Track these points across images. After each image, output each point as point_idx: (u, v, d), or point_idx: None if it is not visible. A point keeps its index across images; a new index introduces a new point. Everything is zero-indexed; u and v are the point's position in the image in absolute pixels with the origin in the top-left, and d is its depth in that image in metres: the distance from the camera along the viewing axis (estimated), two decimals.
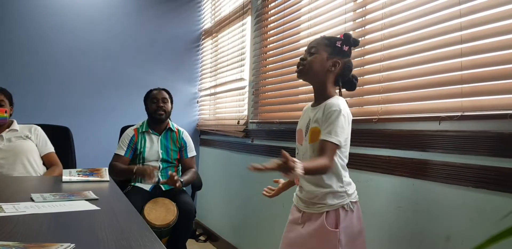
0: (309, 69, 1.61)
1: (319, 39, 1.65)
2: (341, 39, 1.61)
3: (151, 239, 1.11)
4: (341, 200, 1.54)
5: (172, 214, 2.55)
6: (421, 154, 1.61)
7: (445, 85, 1.55)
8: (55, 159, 2.75)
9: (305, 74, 1.64)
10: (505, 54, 1.35)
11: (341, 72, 1.63)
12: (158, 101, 2.93)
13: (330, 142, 1.47)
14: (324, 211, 1.54)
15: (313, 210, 1.58)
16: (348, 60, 1.65)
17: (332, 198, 1.54)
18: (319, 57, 1.59)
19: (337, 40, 1.61)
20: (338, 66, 1.60)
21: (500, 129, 1.32)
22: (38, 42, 3.80)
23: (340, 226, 1.52)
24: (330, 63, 1.59)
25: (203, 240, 3.82)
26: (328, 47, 1.60)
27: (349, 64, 1.65)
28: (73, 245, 1.00)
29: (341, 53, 1.61)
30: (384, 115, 1.82)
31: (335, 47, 1.60)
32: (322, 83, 1.62)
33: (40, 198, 1.63)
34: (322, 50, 1.60)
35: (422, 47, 1.66)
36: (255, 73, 3.15)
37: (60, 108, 3.83)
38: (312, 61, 1.60)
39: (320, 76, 1.61)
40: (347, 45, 1.61)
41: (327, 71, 1.60)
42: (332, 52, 1.60)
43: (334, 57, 1.60)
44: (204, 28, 4.37)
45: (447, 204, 1.48)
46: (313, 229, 1.56)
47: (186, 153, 2.99)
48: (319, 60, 1.59)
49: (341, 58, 1.61)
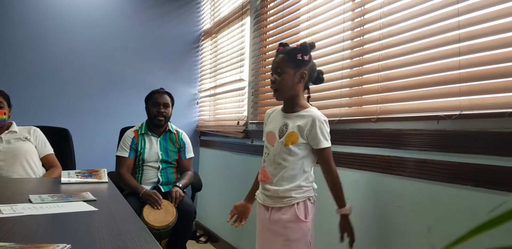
0: (283, 89, 1.74)
1: (280, 57, 1.74)
2: (300, 50, 1.71)
3: (148, 239, 1.10)
4: (307, 193, 1.73)
5: (171, 216, 2.54)
6: (420, 153, 1.60)
7: (444, 84, 1.54)
8: (54, 160, 2.75)
9: (280, 95, 1.78)
10: (503, 52, 1.34)
11: (309, 79, 1.77)
12: (160, 106, 2.91)
13: (327, 148, 1.71)
14: (294, 203, 1.71)
15: (282, 204, 1.73)
16: (311, 64, 1.77)
17: (300, 192, 1.72)
18: (287, 75, 1.72)
19: (296, 53, 1.71)
20: (306, 76, 1.74)
21: (498, 127, 1.31)
22: (37, 43, 3.80)
23: (309, 217, 1.73)
24: (298, 76, 1.72)
25: (204, 241, 3.81)
26: (291, 62, 1.71)
27: (313, 68, 1.78)
28: (69, 245, 1.00)
29: (304, 63, 1.72)
30: (383, 114, 1.82)
31: (297, 60, 1.71)
32: (295, 95, 1.76)
33: (38, 199, 1.63)
34: (287, 67, 1.71)
35: (421, 46, 1.65)
36: (255, 73, 3.15)
37: (59, 109, 3.82)
38: (282, 81, 1.72)
39: (292, 91, 1.74)
40: (306, 54, 1.72)
41: (298, 84, 1.74)
42: (296, 66, 1.72)
43: (299, 69, 1.72)
44: (203, 29, 4.36)
45: (446, 204, 1.47)
46: (285, 221, 1.72)
47: (184, 154, 2.98)
48: (288, 78, 1.72)
49: (305, 67, 1.73)
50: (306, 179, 1.74)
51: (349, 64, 2.08)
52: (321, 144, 1.70)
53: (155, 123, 2.92)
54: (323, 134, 1.69)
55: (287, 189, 1.72)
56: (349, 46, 2.08)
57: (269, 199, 1.79)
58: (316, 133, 1.69)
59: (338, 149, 2.06)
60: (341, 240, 1.70)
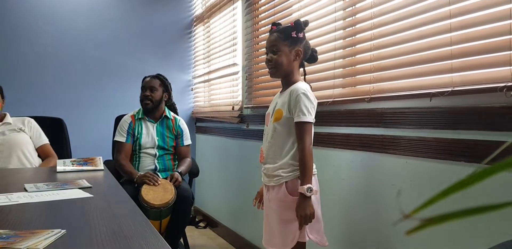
0: (279, 67, 1.75)
1: (275, 35, 1.75)
2: (294, 27, 1.72)
3: (143, 223, 1.10)
4: (296, 171, 1.70)
5: (170, 193, 2.53)
6: (413, 131, 1.60)
7: (435, 61, 1.54)
8: (49, 150, 2.75)
9: (277, 72, 1.78)
10: (493, 27, 1.33)
11: (303, 56, 1.79)
12: (146, 90, 2.90)
13: (304, 123, 1.65)
14: (283, 181, 1.72)
15: (274, 183, 1.75)
16: (306, 42, 1.78)
17: (288, 171, 1.71)
18: (283, 53, 1.73)
19: (291, 31, 1.72)
20: (301, 54, 1.76)
21: (490, 102, 1.31)
22: (28, 33, 3.76)
23: None
24: (293, 54, 1.75)
25: (203, 227, 3.84)
26: (286, 41, 1.73)
27: (307, 46, 1.80)
28: (64, 231, 1.00)
29: (299, 40, 1.74)
30: (376, 94, 1.81)
31: (291, 38, 1.73)
32: (290, 73, 1.77)
33: (34, 188, 1.63)
34: (282, 46, 1.73)
35: (412, 23, 1.64)
36: (248, 57, 3.13)
37: (53, 99, 3.80)
38: (278, 59, 1.74)
39: (288, 68, 1.76)
40: (300, 32, 1.74)
41: (293, 61, 1.76)
42: (291, 44, 1.73)
43: (294, 47, 1.74)
44: (195, 14, 4.32)
45: (441, 180, 1.47)
46: (277, 199, 1.74)
47: (182, 141, 2.97)
48: (284, 56, 1.73)
49: (300, 45, 1.75)
50: (295, 157, 1.70)
51: (341, 44, 2.06)
52: (297, 117, 1.65)
53: (142, 107, 2.91)
54: (300, 107, 1.64)
55: (275, 167, 1.74)
56: (341, 26, 2.06)
57: (265, 178, 1.82)
58: (295, 105, 1.66)
59: (333, 130, 2.06)
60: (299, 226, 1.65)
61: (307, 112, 1.65)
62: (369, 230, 1.83)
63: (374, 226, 1.80)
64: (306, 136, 1.65)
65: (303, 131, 1.65)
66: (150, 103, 2.89)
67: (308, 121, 1.65)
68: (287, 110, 1.70)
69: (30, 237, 0.95)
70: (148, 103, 2.89)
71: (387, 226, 1.73)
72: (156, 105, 2.92)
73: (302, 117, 1.64)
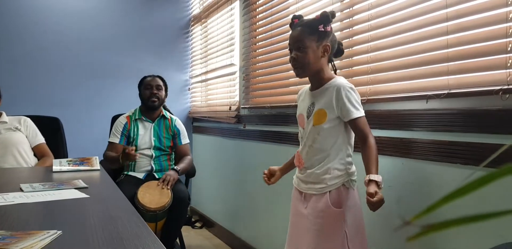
0: (306, 67, 1.57)
1: (299, 30, 1.57)
2: (321, 20, 1.55)
3: (139, 224, 1.10)
4: (341, 178, 1.55)
5: (167, 197, 2.53)
6: (410, 133, 1.61)
7: (432, 63, 1.54)
8: (46, 150, 2.74)
9: (304, 73, 1.60)
10: (490, 30, 1.34)
11: (332, 51, 1.60)
12: (152, 88, 2.90)
13: (360, 118, 1.51)
14: (327, 191, 1.55)
15: (315, 191, 1.58)
16: (333, 35, 1.60)
17: (333, 178, 1.55)
18: (310, 50, 1.54)
19: (318, 24, 1.54)
20: (329, 49, 1.57)
21: (486, 105, 1.32)
22: (24, 32, 3.75)
23: (344, 205, 1.53)
24: (321, 50, 1.56)
25: (199, 227, 3.84)
26: (313, 35, 1.54)
27: (334, 39, 1.61)
28: (60, 232, 1.00)
29: (327, 34, 1.56)
30: (373, 95, 1.81)
31: (319, 32, 1.55)
32: (320, 70, 1.59)
33: (30, 188, 1.63)
34: (309, 41, 1.54)
35: (409, 26, 1.64)
36: (245, 58, 3.13)
37: (50, 99, 3.79)
38: (305, 57, 1.55)
39: (317, 66, 1.58)
40: (328, 24, 1.56)
41: (321, 58, 1.57)
42: (319, 39, 1.55)
43: (322, 42, 1.55)
44: (193, 14, 4.31)
45: (437, 182, 1.48)
46: (318, 211, 1.56)
47: (180, 140, 2.97)
48: (311, 53, 1.55)
49: (327, 39, 1.57)
50: (341, 161, 1.56)
51: None
52: (351, 114, 1.50)
53: (149, 106, 2.90)
54: (351, 102, 1.50)
55: (319, 173, 1.57)
56: (339, 28, 2.06)
57: (303, 184, 1.65)
58: (344, 103, 1.50)
59: None
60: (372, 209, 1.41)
61: (359, 107, 1.53)
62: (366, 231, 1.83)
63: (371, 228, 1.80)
64: (369, 130, 1.52)
65: (365, 124, 1.52)
66: (157, 101, 2.90)
67: (363, 114, 1.52)
68: (334, 109, 1.54)
69: (26, 238, 0.95)
70: (156, 101, 2.89)
71: (383, 227, 1.73)
72: (160, 104, 2.93)
73: (358, 113, 1.51)
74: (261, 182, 1.95)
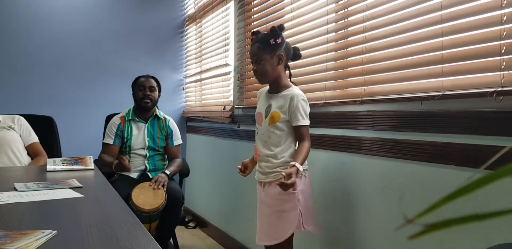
0: (265, 75, 1.84)
1: (255, 46, 1.83)
2: (271, 35, 1.78)
3: (135, 224, 1.10)
4: None
5: (161, 198, 2.53)
6: (404, 134, 1.62)
7: (426, 65, 1.55)
8: (39, 149, 2.72)
9: (264, 80, 1.88)
10: (484, 32, 1.35)
11: (286, 58, 1.86)
12: (145, 89, 2.89)
13: (303, 126, 1.78)
14: (281, 177, 1.69)
15: (272, 178, 1.82)
16: (285, 44, 1.84)
17: (285, 166, 1.75)
18: (266, 62, 1.81)
19: (269, 39, 1.79)
20: (283, 57, 1.83)
21: (480, 107, 1.33)
22: (19, 32, 3.72)
23: (298, 188, 1.77)
24: (276, 59, 1.81)
25: (193, 227, 3.84)
26: (266, 49, 1.80)
27: (288, 47, 1.86)
28: (55, 231, 1.00)
29: (278, 46, 1.81)
30: (368, 96, 1.82)
31: (271, 45, 1.79)
32: (278, 77, 1.85)
33: (24, 187, 1.62)
34: (264, 55, 1.81)
35: (404, 27, 1.65)
36: (240, 58, 3.13)
37: (43, 98, 3.77)
38: (262, 68, 1.82)
39: (275, 74, 1.84)
40: (277, 37, 1.79)
41: (277, 66, 1.83)
42: (272, 51, 1.80)
43: (275, 53, 1.81)
44: (187, 13, 4.31)
45: (431, 183, 1.49)
46: (275, 193, 1.78)
47: (172, 141, 2.97)
48: (268, 65, 1.81)
49: (280, 49, 1.81)
50: (292, 156, 1.80)
51: (333, 47, 2.07)
52: (298, 121, 1.77)
53: (141, 107, 2.89)
54: (300, 112, 1.77)
55: (273, 165, 1.82)
56: (334, 29, 2.07)
57: (261, 175, 1.90)
58: (294, 110, 1.77)
59: (323, 132, 2.07)
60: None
61: (306, 117, 1.79)
62: (360, 232, 1.84)
63: (365, 229, 1.81)
64: (308, 137, 1.79)
65: (305, 132, 1.79)
66: (150, 103, 2.89)
67: (308, 124, 1.80)
68: (285, 114, 1.80)
69: (21, 238, 0.94)
70: (149, 102, 2.88)
71: (378, 228, 1.74)
72: (153, 105, 2.92)
73: (303, 121, 1.78)
74: (255, 181, 1.97)
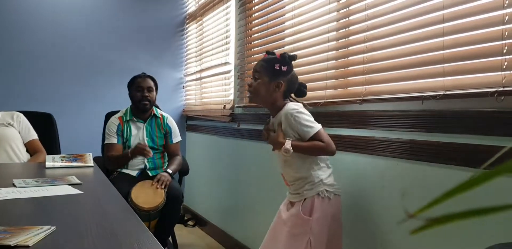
0: (257, 94, 1.76)
1: (260, 64, 1.76)
2: (278, 60, 1.71)
3: (134, 221, 1.10)
4: (315, 189, 1.67)
5: (160, 196, 2.53)
6: (404, 134, 1.61)
7: (428, 64, 1.55)
8: (38, 146, 2.72)
9: (255, 99, 1.80)
10: (486, 32, 1.35)
11: (287, 89, 1.75)
12: (143, 90, 2.86)
13: (317, 132, 1.65)
14: (302, 199, 1.68)
15: (296, 199, 1.72)
16: (291, 75, 1.76)
17: (308, 188, 1.67)
18: (262, 82, 1.73)
19: (275, 63, 1.71)
20: (281, 87, 1.72)
21: (481, 107, 1.33)
22: (19, 29, 3.72)
23: (314, 214, 1.65)
24: (273, 85, 1.72)
25: (192, 225, 3.84)
26: (268, 71, 1.72)
27: (292, 79, 1.77)
28: (54, 227, 1.00)
29: (281, 74, 1.72)
30: (368, 96, 1.82)
31: (274, 70, 1.71)
32: (272, 103, 1.76)
33: (22, 184, 1.61)
34: (264, 75, 1.73)
35: (405, 27, 1.65)
36: (240, 56, 3.13)
37: (43, 95, 3.76)
38: (256, 87, 1.74)
39: (267, 98, 1.75)
40: (284, 65, 1.71)
41: (273, 92, 1.73)
42: (273, 75, 1.72)
43: (275, 79, 1.72)
44: (188, 11, 4.30)
45: (431, 183, 1.49)
46: (289, 216, 1.71)
47: (171, 138, 2.96)
48: (262, 85, 1.73)
49: (283, 78, 1.72)
50: (315, 174, 1.69)
51: (334, 46, 2.07)
52: (308, 134, 1.65)
53: (140, 108, 2.88)
54: (302, 124, 1.66)
55: (299, 187, 1.71)
56: (335, 28, 2.07)
57: (290, 195, 1.79)
58: (297, 126, 1.66)
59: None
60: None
61: (311, 123, 1.67)
62: (359, 232, 1.84)
63: (364, 228, 1.81)
64: (327, 138, 1.67)
65: (321, 137, 1.65)
66: (149, 104, 2.88)
67: (319, 128, 1.67)
68: (291, 133, 1.68)
69: (20, 233, 0.94)
70: (147, 104, 2.86)
71: (376, 227, 1.74)
72: (152, 105, 2.91)
73: (312, 130, 1.65)
74: (255, 181, 1.96)
